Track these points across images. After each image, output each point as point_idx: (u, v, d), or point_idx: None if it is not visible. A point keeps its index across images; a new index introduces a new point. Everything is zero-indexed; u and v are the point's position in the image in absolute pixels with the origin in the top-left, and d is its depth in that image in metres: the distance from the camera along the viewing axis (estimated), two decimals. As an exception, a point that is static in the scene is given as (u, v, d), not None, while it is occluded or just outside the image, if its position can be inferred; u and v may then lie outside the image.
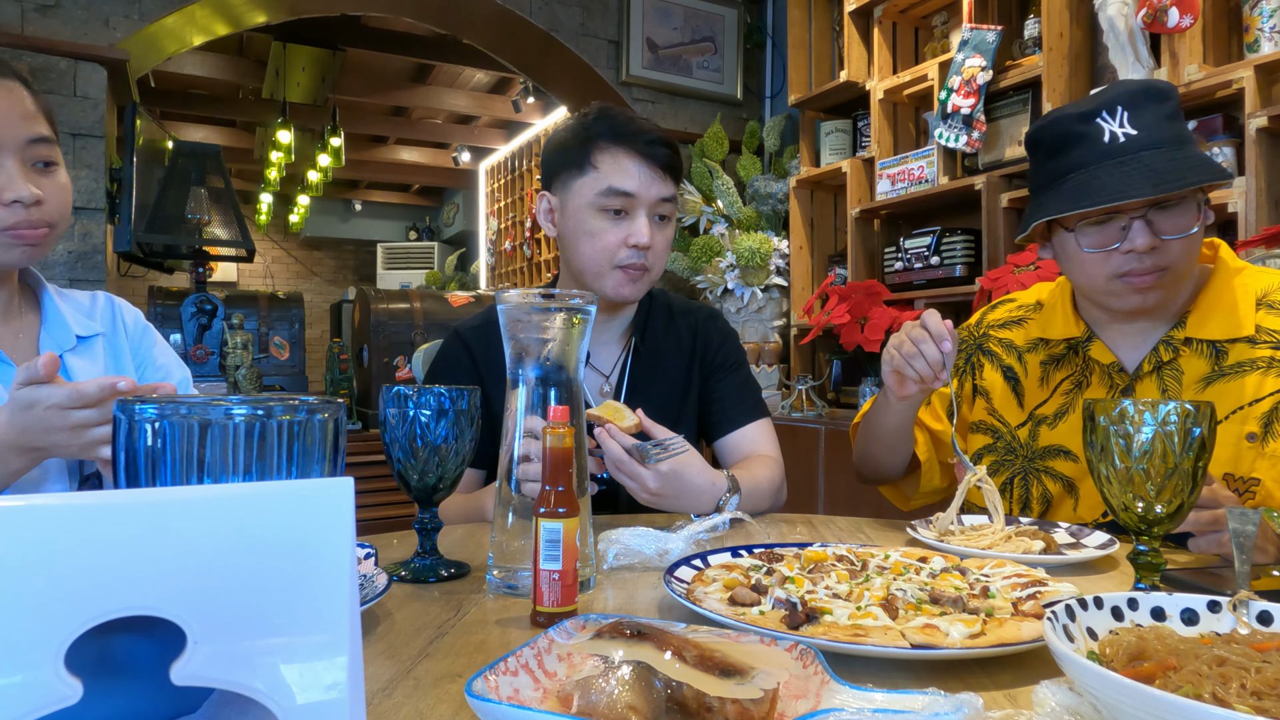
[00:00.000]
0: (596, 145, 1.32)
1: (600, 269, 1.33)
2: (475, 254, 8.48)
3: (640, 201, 1.31)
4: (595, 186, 1.31)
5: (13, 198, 1.01)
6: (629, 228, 1.31)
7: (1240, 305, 1.17)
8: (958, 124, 2.92)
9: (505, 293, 0.90)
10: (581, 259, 1.34)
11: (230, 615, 0.33)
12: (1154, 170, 1.08)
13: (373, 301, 4.12)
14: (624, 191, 1.30)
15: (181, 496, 0.33)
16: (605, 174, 1.31)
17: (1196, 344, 1.18)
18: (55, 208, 1.07)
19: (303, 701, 0.33)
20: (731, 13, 4.23)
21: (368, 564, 0.88)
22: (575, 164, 1.33)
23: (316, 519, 0.34)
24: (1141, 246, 1.12)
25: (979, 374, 1.40)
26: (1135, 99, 1.12)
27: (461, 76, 6.52)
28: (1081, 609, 0.61)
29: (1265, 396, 1.12)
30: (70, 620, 0.30)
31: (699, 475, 1.18)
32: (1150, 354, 1.21)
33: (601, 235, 1.31)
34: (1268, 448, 1.11)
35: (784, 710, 0.53)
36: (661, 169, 1.33)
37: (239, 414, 0.42)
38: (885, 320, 2.96)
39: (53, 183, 1.07)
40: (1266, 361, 1.14)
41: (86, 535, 0.31)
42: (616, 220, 1.32)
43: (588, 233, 1.32)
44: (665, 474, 1.13)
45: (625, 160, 1.31)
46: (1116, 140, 1.12)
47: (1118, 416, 0.79)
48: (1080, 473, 1.26)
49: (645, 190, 1.31)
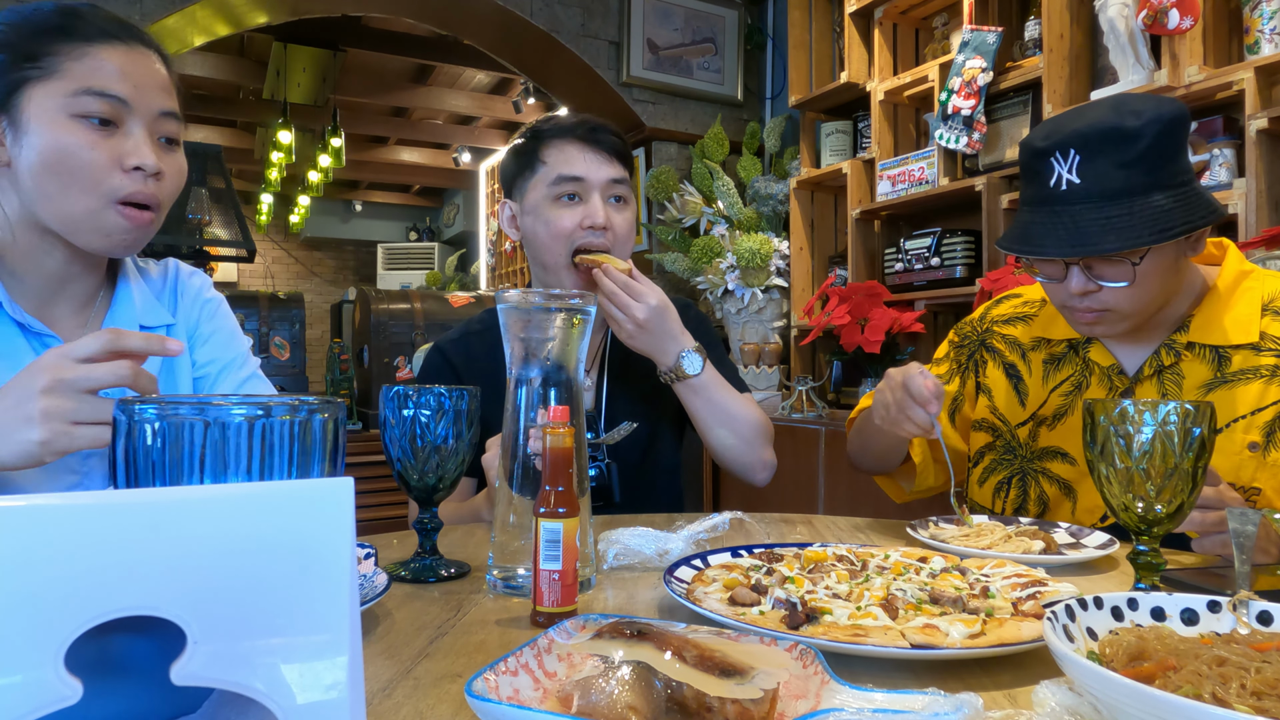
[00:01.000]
0: (543, 143, 1.38)
1: (559, 255, 1.36)
2: (475, 254, 8.48)
3: (590, 185, 1.36)
4: (546, 179, 1.36)
5: (136, 163, 0.95)
6: (583, 210, 1.35)
7: (1246, 310, 1.15)
8: (958, 125, 2.92)
9: (505, 293, 0.90)
10: (543, 251, 1.38)
11: (230, 615, 0.33)
12: (1078, 229, 1.06)
13: (373, 302, 4.12)
14: (573, 176, 1.35)
15: (181, 496, 0.33)
16: (553, 165, 1.36)
17: (1199, 349, 1.16)
18: (169, 187, 1.01)
19: (303, 701, 0.33)
20: (732, 14, 4.22)
21: (368, 564, 0.88)
22: (527, 165, 1.39)
23: (316, 519, 0.34)
24: (1075, 290, 1.11)
25: (981, 371, 1.38)
26: (1090, 142, 1.06)
27: (462, 77, 6.52)
28: (1081, 609, 0.61)
29: (1268, 405, 1.11)
30: (70, 620, 0.30)
31: (676, 323, 1.33)
32: (1151, 358, 1.19)
33: (557, 221, 1.35)
34: (1269, 457, 1.10)
35: (784, 710, 0.53)
36: (607, 152, 1.38)
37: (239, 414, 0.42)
38: (885, 321, 2.96)
39: (173, 162, 1.01)
40: (1270, 370, 1.12)
41: (86, 535, 0.31)
42: (571, 205, 1.36)
43: (545, 222, 1.36)
44: (654, 308, 1.29)
45: (570, 148, 1.37)
46: (1060, 186, 1.08)
47: (1118, 416, 0.79)
48: (1078, 475, 1.25)
49: (594, 173, 1.36)
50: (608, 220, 1.35)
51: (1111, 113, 1.08)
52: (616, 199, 1.38)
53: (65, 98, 0.92)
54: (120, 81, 0.94)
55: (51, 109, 0.92)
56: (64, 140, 0.92)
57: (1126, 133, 1.05)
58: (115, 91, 0.94)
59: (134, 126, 0.96)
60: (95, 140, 0.93)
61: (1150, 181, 1.05)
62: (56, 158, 0.93)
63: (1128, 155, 1.05)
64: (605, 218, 1.35)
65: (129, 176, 0.95)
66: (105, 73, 0.94)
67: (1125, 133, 1.05)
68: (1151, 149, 1.05)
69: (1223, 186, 2.27)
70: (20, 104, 0.93)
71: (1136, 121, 1.05)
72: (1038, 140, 1.12)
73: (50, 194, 0.94)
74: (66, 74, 0.93)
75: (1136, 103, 1.08)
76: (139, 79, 0.96)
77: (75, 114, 0.93)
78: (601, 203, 1.36)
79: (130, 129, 0.96)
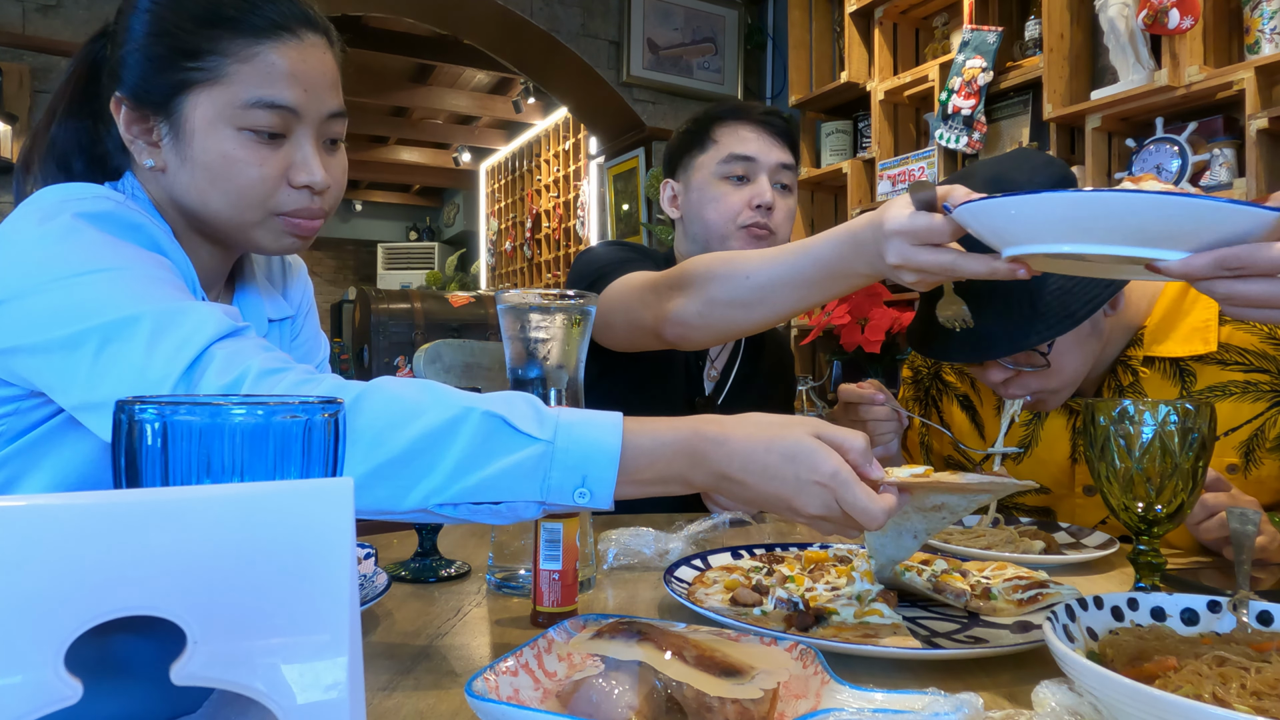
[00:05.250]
0: (715, 122, 1.42)
1: (726, 231, 1.39)
2: (475, 254, 8.49)
3: (760, 165, 1.39)
4: (716, 156, 1.40)
5: (305, 181, 0.87)
6: (751, 190, 1.39)
7: (1202, 315, 1.09)
8: (958, 125, 2.92)
9: (505, 293, 0.90)
10: (707, 226, 1.40)
11: (230, 615, 0.33)
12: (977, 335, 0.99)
13: (373, 302, 4.12)
14: (744, 156, 1.39)
15: (181, 496, 0.33)
16: (725, 144, 1.40)
17: (1159, 364, 1.11)
18: (334, 194, 0.93)
19: (303, 701, 0.33)
20: (732, 13, 4.23)
21: (368, 564, 0.88)
22: (697, 144, 1.43)
23: (316, 519, 0.34)
24: (996, 381, 1.09)
25: (940, 407, 1.34)
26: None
27: (462, 77, 6.52)
28: (1081, 609, 0.61)
29: (1242, 425, 1.06)
30: (70, 620, 0.30)
31: None
32: (1108, 378, 1.14)
33: (725, 199, 1.39)
34: (1250, 475, 1.07)
35: (784, 710, 0.53)
36: (778, 136, 1.41)
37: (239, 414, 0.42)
38: (885, 321, 2.96)
39: (337, 164, 0.93)
40: (1241, 387, 1.06)
41: (86, 535, 0.31)
42: (739, 185, 1.39)
43: (712, 199, 1.39)
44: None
45: (743, 129, 1.40)
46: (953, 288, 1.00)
47: (1118, 416, 0.79)
48: (1054, 500, 1.22)
49: (765, 155, 1.39)
50: (774, 202, 1.38)
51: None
52: (782, 186, 1.42)
53: (233, 109, 0.84)
54: (291, 87, 0.85)
55: (217, 120, 0.84)
56: (231, 154, 0.85)
57: None
58: (286, 101, 0.85)
59: (302, 137, 0.88)
60: (264, 157, 0.85)
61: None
62: (223, 173, 0.85)
63: None
64: (772, 197, 1.38)
65: (296, 193, 0.88)
66: (276, 77, 0.84)
67: None
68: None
69: (1223, 186, 2.27)
70: (183, 110, 0.84)
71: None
72: None
73: (212, 204, 0.87)
74: (234, 79, 0.84)
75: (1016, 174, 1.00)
76: (310, 80, 0.87)
77: (243, 126, 0.84)
78: (769, 185, 1.39)
79: (299, 139, 0.88)
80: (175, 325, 0.70)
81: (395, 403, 0.66)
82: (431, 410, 0.65)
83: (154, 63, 0.84)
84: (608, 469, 0.65)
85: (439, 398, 0.66)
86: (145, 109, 0.86)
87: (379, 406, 0.65)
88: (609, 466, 0.65)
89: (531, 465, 0.65)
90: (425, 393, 0.67)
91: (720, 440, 0.68)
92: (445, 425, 0.65)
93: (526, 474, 0.65)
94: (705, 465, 0.68)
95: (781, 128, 1.41)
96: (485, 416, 0.65)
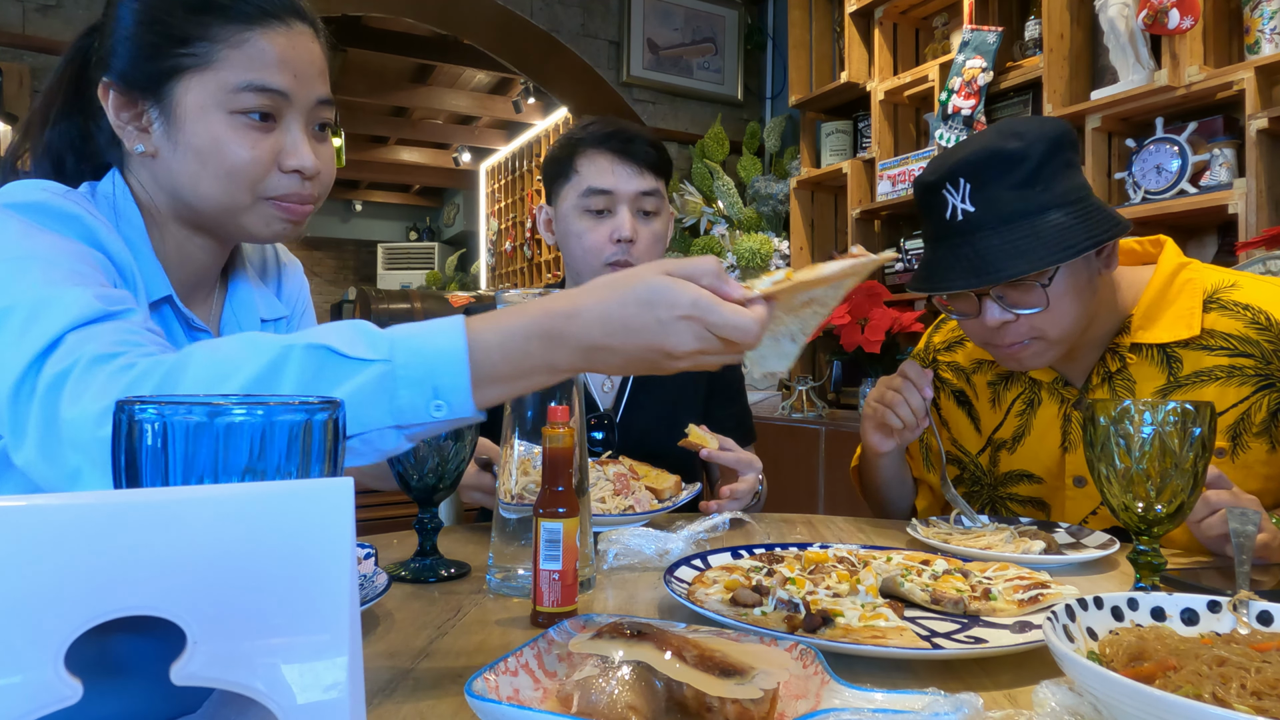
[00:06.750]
0: (578, 151, 1.39)
1: (592, 268, 1.37)
2: (475, 254, 8.48)
3: (619, 198, 1.36)
4: (577, 189, 1.37)
5: (295, 165, 0.89)
6: (612, 224, 1.36)
7: (1187, 303, 1.12)
8: (958, 125, 2.92)
9: (505, 293, 0.90)
10: (574, 261, 1.40)
11: (230, 615, 0.33)
12: (980, 257, 1.04)
13: (373, 302, 4.12)
14: (601, 190, 1.36)
15: (181, 496, 0.33)
16: (585, 176, 1.37)
17: (1146, 350, 1.13)
18: (325, 180, 0.95)
19: (303, 701, 0.33)
20: (732, 14, 4.23)
21: (368, 564, 0.88)
22: (562, 173, 1.40)
23: (316, 519, 0.34)
24: (991, 323, 1.09)
25: (937, 403, 1.36)
26: (978, 169, 1.05)
27: (462, 77, 6.52)
28: (1081, 609, 0.61)
29: (1228, 409, 1.08)
30: (70, 620, 0.30)
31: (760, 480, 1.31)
32: (1097, 365, 1.16)
33: (587, 235, 1.37)
34: (1238, 459, 1.08)
35: (784, 710, 0.53)
36: (639, 164, 1.37)
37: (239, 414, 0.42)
38: (885, 321, 2.96)
39: (326, 151, 0.95)
40: (1225, 371, 1.08)
41: (86, 535, 0.31)
42: (600, 219, 1.37)
43: (575, 234, 1.38)
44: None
45: (602, 160, 1.37)
46: (956, 217, 1.06)
47: (1118, 416, 0.79)
48: (1048, 491, 1.23)
49: (623, 185, 1.36)
50: (634, 233, 1.36)
51: (995, 137, 1.06)
52: (645, 212, 1.39)
53: (224, 93, 0.85)
54: (280, 72, 0.87)
55: (208, 104, 0.85)
56: (222, 138, 0.86)
57: (1011, 154, 1.04)
58: (276, 85, 0.86)
59: (292, 121, 0.89)
60: (255, 140, 0.87)
61: (1045, 201, 1.04)
62: (214, 157, 0.86)
63: (1017, 177, 1.04)
64: (632, 230, 1.36)
65: (287, 177, 0.90)
66: (266, 62, 0.86)
67: (1010, 154, 1.04)
68: (1040, 168, 1.04)
69: (1223, 186, 2.27)
70: (174, 95, 0.86)
71: (1020, 143, 1.04)
72: (928, 175, 1.10)
73: (203, 188, 0.88)
74: (225, 64, 0.85)
75: (1019, 125, 1.07)
76: (299, 66, 0.89)
77: (234, 110, 0.85)
78: (630, 216, 1.37)
79: (288, 124, 0.89)
80: (43, 313, 0.70)
81: (213, 362, 0.62)
82: (250, 359, 0.61)
83: (144, 49, 0.86)
84: (458, 375, 0.61)
85: (256, 345, 0.62)
86: (134, 92, 0.87)
87: (198, 370, 0.62)
88: (459, 372, 0.61)
89: (373, 389, 0.60)
90: (242, 344, 0.63)
91: (572, 313, 0.63)
92: (266, 370, 0.61)
93: (369, 399, 0.60)
94: (565, 343, 0.63)
95: (643, 154, 1.37)
96: (308, 350, 0.61)
